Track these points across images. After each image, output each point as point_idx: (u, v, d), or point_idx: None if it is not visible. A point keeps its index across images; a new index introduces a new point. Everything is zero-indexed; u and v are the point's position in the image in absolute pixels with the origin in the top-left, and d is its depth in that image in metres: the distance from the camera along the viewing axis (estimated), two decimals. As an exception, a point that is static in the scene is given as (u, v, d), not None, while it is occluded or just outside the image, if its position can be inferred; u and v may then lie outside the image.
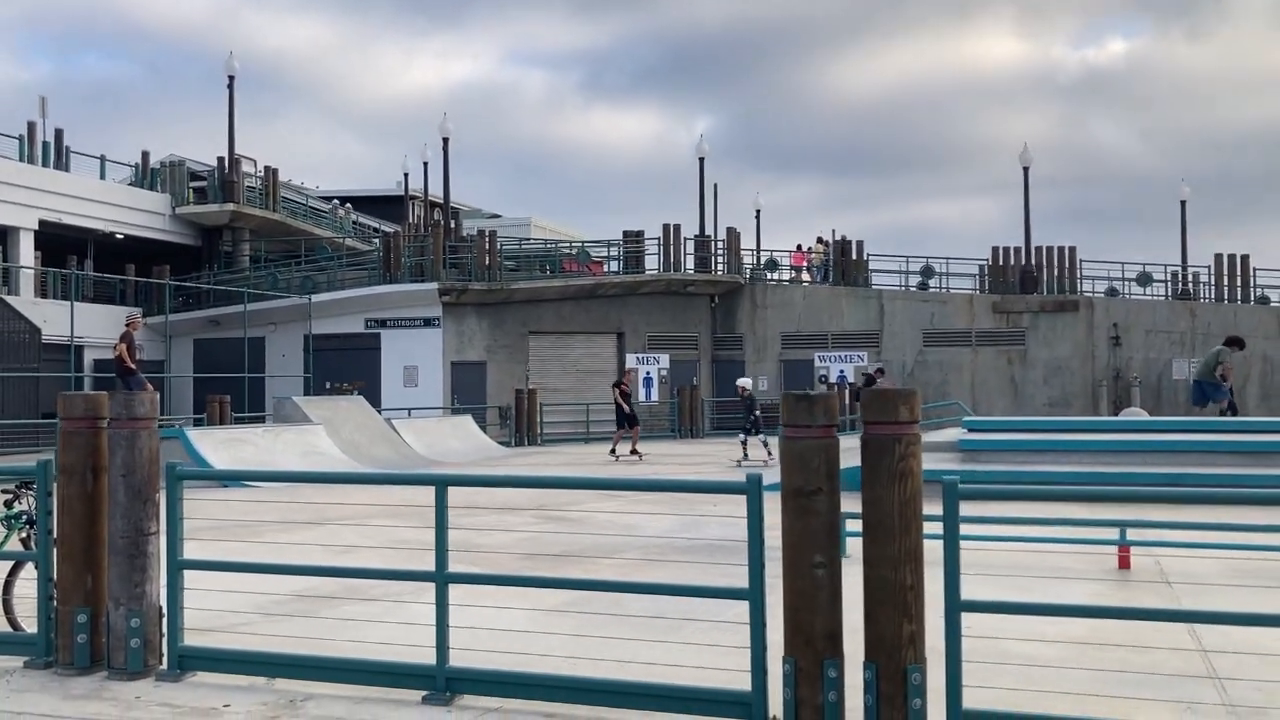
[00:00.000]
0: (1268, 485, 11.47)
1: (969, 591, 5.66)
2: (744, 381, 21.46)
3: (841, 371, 34.27)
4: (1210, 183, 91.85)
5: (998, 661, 5.37)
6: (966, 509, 9.70)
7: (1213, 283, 34.83)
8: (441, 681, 5.20)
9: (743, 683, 4.76)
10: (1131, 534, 8.59)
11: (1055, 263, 34.59)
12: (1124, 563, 8.10)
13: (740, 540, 4.83)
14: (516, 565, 8.84)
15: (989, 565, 7.98)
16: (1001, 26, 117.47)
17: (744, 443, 20.38)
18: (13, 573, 6.62)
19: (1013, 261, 34.65)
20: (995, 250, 34.98)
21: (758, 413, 20.46)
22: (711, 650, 5.34)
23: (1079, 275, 34.59)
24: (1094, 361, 32.85)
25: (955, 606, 4.46)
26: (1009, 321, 33.58)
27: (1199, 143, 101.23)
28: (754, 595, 4.71)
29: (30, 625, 6.17)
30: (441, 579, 5.28)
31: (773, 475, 4.95)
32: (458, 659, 5.29)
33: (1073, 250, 34.70)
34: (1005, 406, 32.75)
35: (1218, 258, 34.76)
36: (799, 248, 37.98)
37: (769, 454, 19.34)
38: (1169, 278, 35.60)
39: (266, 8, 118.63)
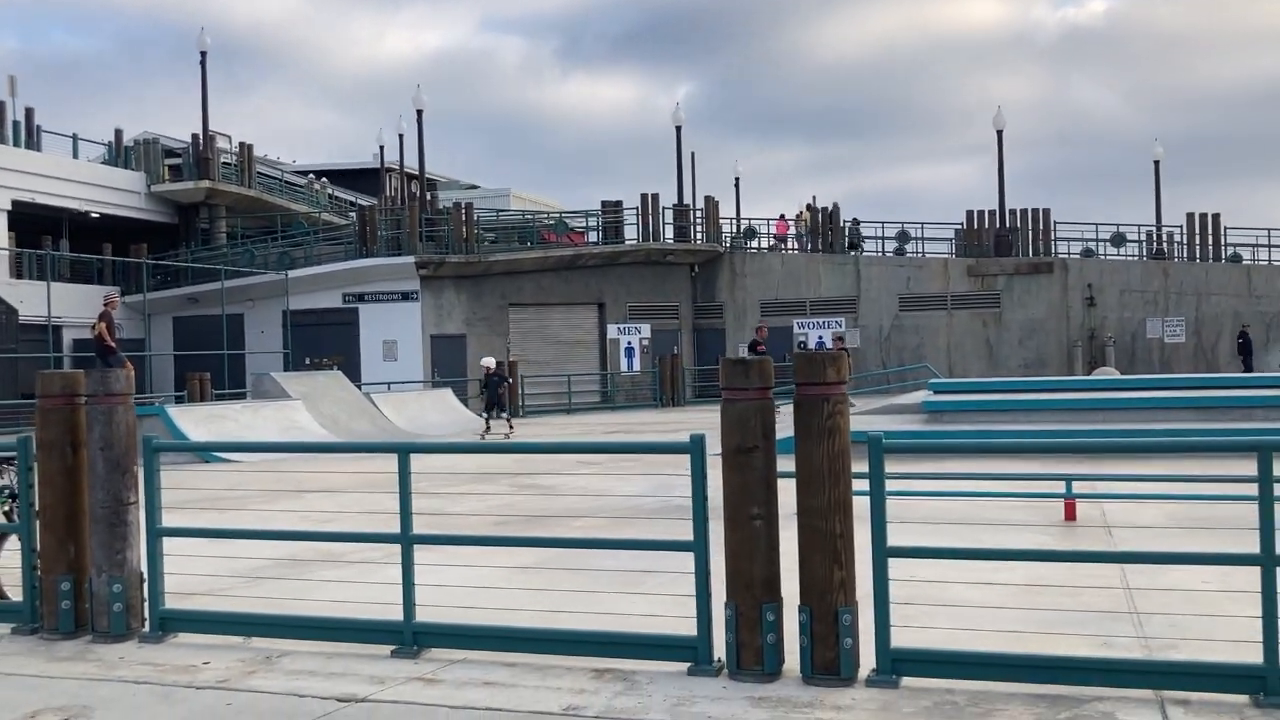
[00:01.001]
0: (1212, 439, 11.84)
1: (925, 543, 5.99)
2: (488, 361, 22.33)
3: (820, 338, 34.65)
4: (1188, 141, 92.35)
5: (935, 605, 5.70)
6: (925, 466, 10.07)
7: (1185, 242, 35.27)
8: (409, 636, 5.50)
9: (693, 629, 5.07)
10: (1081, 487, 8.96)
11: (1030, 225, 34.96)
12: (1070, 513, 8.46)
13: (712, 504, 5.08)
14: (489, 530, 9.13)
15: (943, 516, 8.34)
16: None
17: (488, 419, 21.60)
18: (-3, 545, 6.88)
19: (987, 225, 35.00)
20: (970, 214, 35.32)
21: (503, 389, 21.79)
22: (669, 600, 5.64)
23: (1053, 237, 34.99)
24: (1069, 322, 33.28)
25: (882, 553, 4.78)
26: (984, 284, 33.96)
27: (1178, 101, 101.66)
28: (698, 546, 5.01)
29: (16, 594, 6.44)
30: (406, 540, 5.57)
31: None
32: (431, 616, 5.57)
33: (1047, 212, 35.07)
34: (981, 368, 33.22)
35: (1189, 217, 35.17)
36: (782, 216, 38.22)
37: (509, 428, 21.24)
38: (1143, 238, 36.02)
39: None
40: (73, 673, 5.42)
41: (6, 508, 6.77)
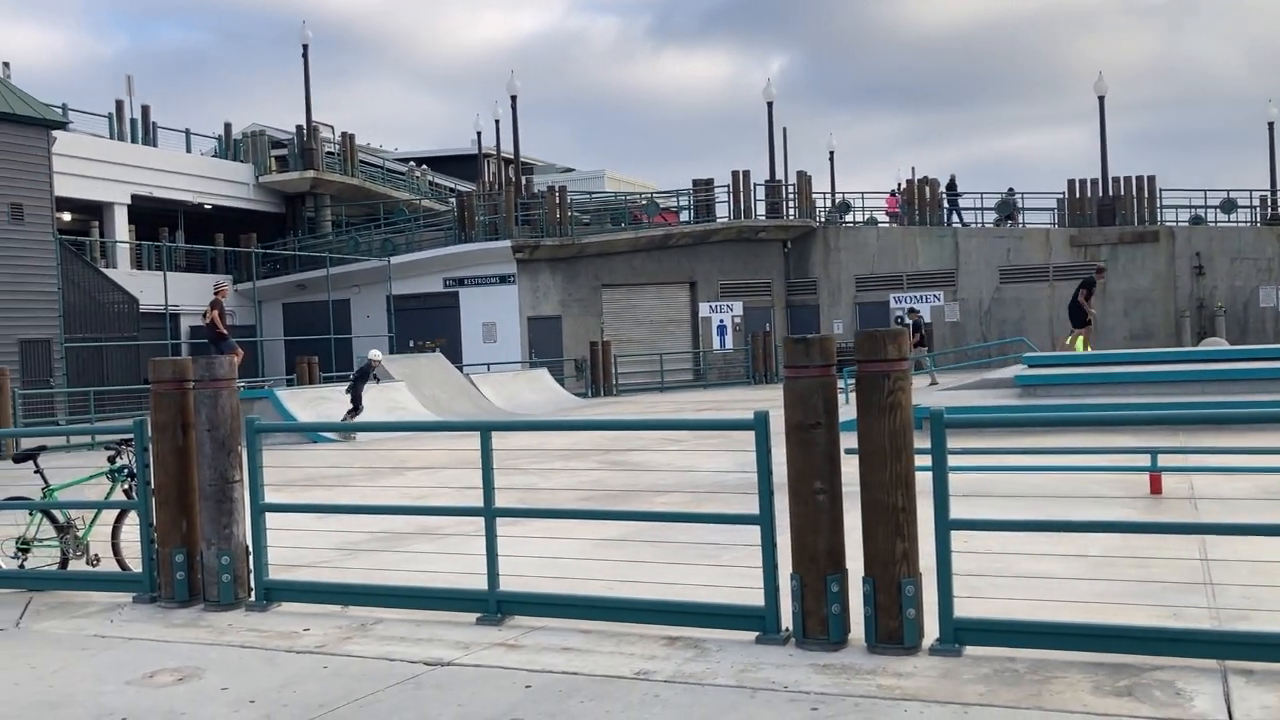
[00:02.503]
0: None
1: (1002, 516, 6.07)
2: (375, 354, 19.83)
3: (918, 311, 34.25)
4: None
5: (1005, 576, 5.78)
6: (1014, 441, 10.04)
7: (1301, 205, 33.89)
8: (493, 604, 5.80)
9: (762, 599, 5.24)
10: (1171, 460, 8.87)
11: (1134, 193, 33.94)
12: (1156, 487, 8.38)
13: (781, 480, 5.22)
14: (576, 504, 9.42)
15: (1029, 490, 8.35)
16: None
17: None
18: (119, 520, 7.42)
19: (1090, 193, 34.10)
20: (1071, 183, 34.43)
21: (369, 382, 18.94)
22: (741, 572, 5.82)
23: (1159, 205, 33.91)
24: (1176, 292, 32.29)
25: (944, 525, 4.89)
26: (1087, 255, 33.10)
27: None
28: (764, 520, 5.19)
29: (136, 565, 6.95)
30: (489, 513, 5.86)
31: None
32: (516, 586, 5.85)
33: (1152, 179, 33.98)
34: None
35: (1306, 179, 33.77)
36: (892, 192, 37.69)
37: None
38: (1256, 203, 34.66)
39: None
40: (186, 637, 5.86)
41: (126, 486, 7.29)
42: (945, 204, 36.34)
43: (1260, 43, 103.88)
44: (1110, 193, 33.85)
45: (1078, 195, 34.14)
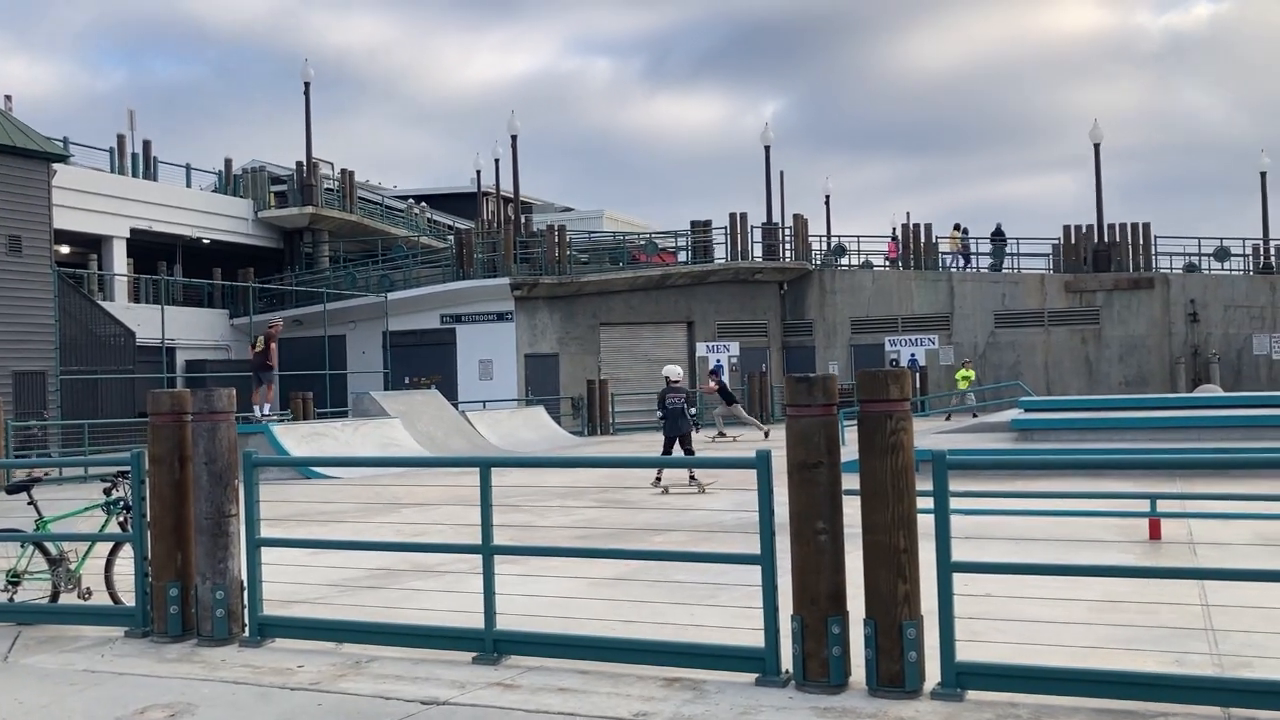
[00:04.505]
0: None
1: (1001, 559, 6.02)
2: (672, 370, 15.64)
3: (912, 355, 34.33)
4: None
5: (1006, 620, 5.73)
6: (1013, 484, 10.02)
7: (1294, 255, 34.10)
8: (489, 644, 5.74)
9: (762, 641, 5.19)
10: (1170, 506, 8.85)
11: (1129, 240, 34.17)
12: (1155, 532, 8.35)
13: (782, 520, 5.18)
14: (572, 543, 9.36)
15: (1027, 534, 8.30)
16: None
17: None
18: (113, 553, 7.36)
19: (1085, 240, 34.31)
20: (1067, 229, 34.67)
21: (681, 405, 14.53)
22: (740, 613, 5.78)
23: (1154, 252, 34.14)
24: (1171, 339, 32.41)
25: (947, 568, 4.86)
26: (1082, 300, 33.29)
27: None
28: (765, 560, 5.15)
29: (129, 599, 6.88)
30: (486, 551, 5.82)
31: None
32: (513, 625, 5.79)
33: (1147, 227, 34.23)
34: (1080, 386, 32.53)
35: (1299, 229, 34.01)
36: (893, 238, 37.84)
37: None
38: (1249, 251, 34.91)
39: (324, 6, 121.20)
40: (178, 673, 5.78)
41: (121, 518, 7.23)
42: (990, 250, 36.28)
43: (1252, 91, 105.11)
44: (1105, 239, 34.08)
45: (1073, 241, 34.37)
